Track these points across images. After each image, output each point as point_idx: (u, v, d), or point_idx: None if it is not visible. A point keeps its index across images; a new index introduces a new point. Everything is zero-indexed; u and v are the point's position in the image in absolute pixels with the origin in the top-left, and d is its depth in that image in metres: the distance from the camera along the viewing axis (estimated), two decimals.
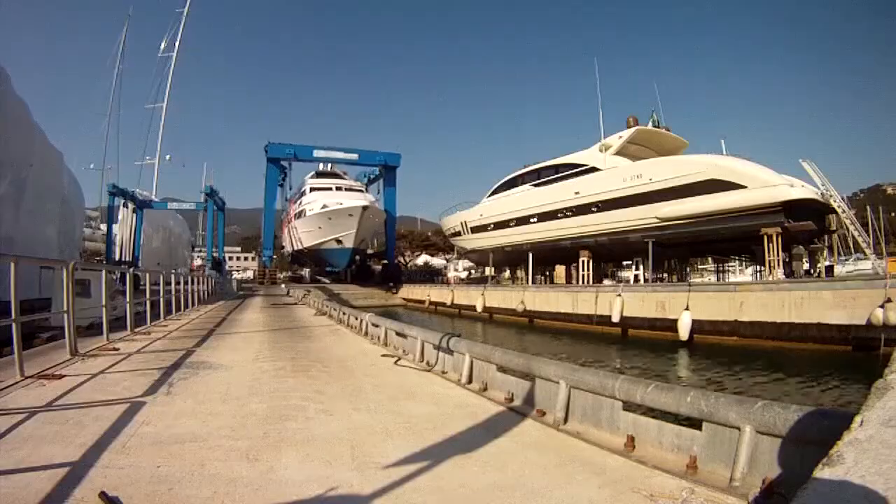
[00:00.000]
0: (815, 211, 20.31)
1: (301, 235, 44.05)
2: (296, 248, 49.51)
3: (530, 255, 30.27)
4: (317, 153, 43.80)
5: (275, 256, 56.07)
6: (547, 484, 2.53)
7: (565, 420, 3.59)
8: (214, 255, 41.72)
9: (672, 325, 17.22)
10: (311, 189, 46.17)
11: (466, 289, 32.97)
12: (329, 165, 49.49)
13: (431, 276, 54.37)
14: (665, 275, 30.64)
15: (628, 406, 3.25)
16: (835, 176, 21.49)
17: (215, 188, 41.95)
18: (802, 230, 19.65)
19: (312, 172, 50.79)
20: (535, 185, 30.78)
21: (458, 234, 39.67)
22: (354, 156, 44.08)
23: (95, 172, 45.38)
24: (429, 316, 31.17)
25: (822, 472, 1.38)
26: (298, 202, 47.38)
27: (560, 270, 35.53)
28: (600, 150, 26.69)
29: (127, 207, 34.81)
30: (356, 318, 10.16)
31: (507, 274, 40.80)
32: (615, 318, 19.42)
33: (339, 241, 39.46)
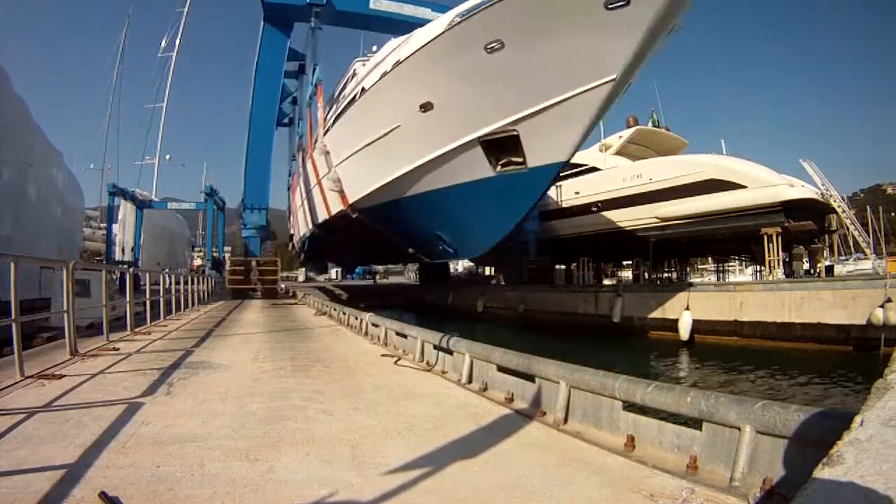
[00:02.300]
0: (815, 211, 20.35)
1: (342, 172, 17.36)
2: (317, 220, 22.90)
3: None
4: (376, 4, 22.57)
5: (275, 242, 31.14)
6: (547, 484, 2.53)
7: (565, 420, 3.58)
8: (214, 254, 40.19)
9: (673, 324, 17.23)
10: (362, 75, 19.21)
11: None
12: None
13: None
14: (665, 274, 30.64)
15: (628, 406, 3.25)
16: (835, 176, 21.55)
17: (215, 188, 39.26)
18: (802, 230, 19.69)
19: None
20: None
21: None
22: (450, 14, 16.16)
23: (95, 172, 45.40)
24: None
25: (822, 472, 1.38)
26: (333, 104, 21.40)
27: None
28: (600, 150, 26.71)
29: (126, 207, 34.78)
30: (356, 318, 10.16)
31: None
32: (615, 319, 19.44)
33: (509, 155, 12.27)
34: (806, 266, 21.55)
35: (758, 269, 24.92)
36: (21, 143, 15.15)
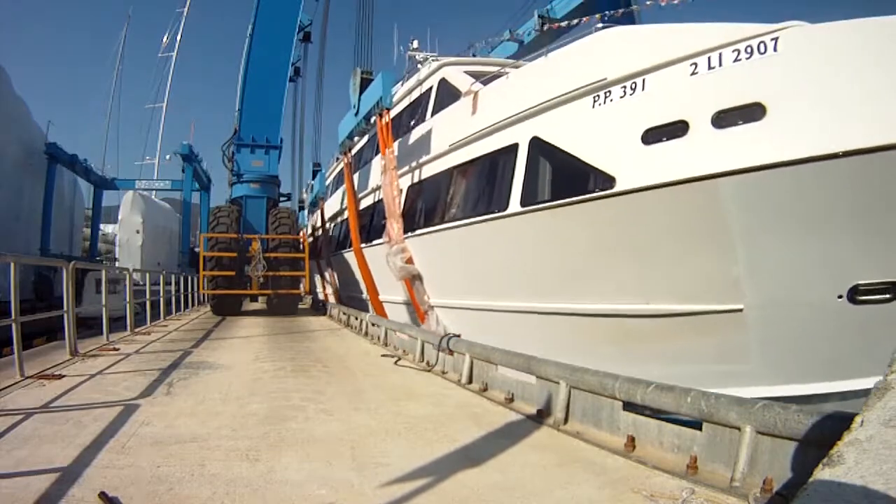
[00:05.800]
0: None
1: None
2: None
3: None
4: None
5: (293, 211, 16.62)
6: (547, 484, 2.53)
7: (565, 420, 3.58)
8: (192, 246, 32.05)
9: None
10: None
11: None
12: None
13: None
14: None
15: (628, 406, 3.25)
16: None
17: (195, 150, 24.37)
18: None
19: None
20: None
21: None
22: None
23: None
24: None
25: (823, 473, 1.38)
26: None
27: None
28: None
29: (126, 206, 34.37)
30: (356, 319, 10.16)
31: None
32: None
33: None
34: None
35: None
36: (20, 142, 15.16)
